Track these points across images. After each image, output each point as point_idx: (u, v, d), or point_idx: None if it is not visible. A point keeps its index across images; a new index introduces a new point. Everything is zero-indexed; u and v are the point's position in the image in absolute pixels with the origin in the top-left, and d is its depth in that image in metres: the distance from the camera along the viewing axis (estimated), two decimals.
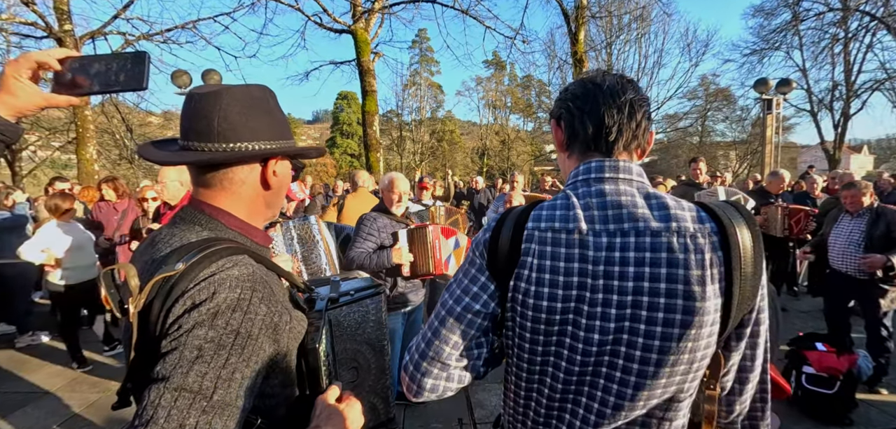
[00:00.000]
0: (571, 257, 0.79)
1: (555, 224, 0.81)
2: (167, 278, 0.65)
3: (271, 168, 0.82)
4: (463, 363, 0.88)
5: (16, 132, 0.73)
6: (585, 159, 0.86)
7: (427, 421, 3.17)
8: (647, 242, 0.76)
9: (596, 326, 0.78)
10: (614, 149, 0.84)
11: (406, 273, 2.83)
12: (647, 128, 0.86)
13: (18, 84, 0.71)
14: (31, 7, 8.70)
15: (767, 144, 10.27)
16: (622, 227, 0.77)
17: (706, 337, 0.75)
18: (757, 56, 19.85)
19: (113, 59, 0.75)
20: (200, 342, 0.62)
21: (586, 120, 0.85)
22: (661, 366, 0.76)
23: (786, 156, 20.57)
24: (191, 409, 0.59)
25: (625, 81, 0.84)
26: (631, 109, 0.82)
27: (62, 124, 14.93)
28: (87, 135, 8.89)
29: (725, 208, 0.78)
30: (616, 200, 0.80)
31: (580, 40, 10.70)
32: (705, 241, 0.75)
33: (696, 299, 0.73)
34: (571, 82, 0.90)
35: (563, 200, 0.84)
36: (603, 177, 0.82)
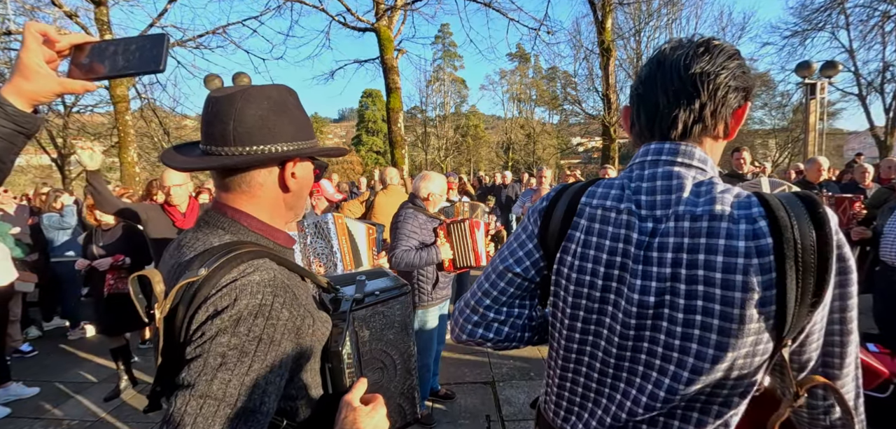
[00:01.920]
0: (617, 237, 0.78)
1: (606, 202, 0.81)
2: (190, 284, 0.66)
3: (290, 170, 0.81)
4: (501, 319, 0.93)
5: (34, 123, 0.71)
6: (644, 144, 0.82)
7: (455, 418, 3.17)
8: (685, 227, 0.72)
9: (632, 310, 0.76)
10: (671, 135, 0.78)
11: (447, 268, 2.89)
12: (725, 103, 0.74)
13: (34, 69, 0.68)
14: (74, 20, 9.18)
15: (811, 132, 9.68)
16: (667, 212, 0.75)
17: (753, 332, 0.68)
18: (798, 38, 18.69)
19: (130, 42, 0.72)
20: (224, 350, 0.63)
21: (642, 107, 0.81)
22: (701, 358, 0.70)
23: (831, 143, 19.36)
24: (216, 416, 0.60)
25: (699, 52, 0.74)
26: (694, 87, 0.73)
27: (106, 129, 15.74)
28: (128, 139, 9.34)
29: (782, 197, 0.70)
30: (666, 183, 0.76)
31: (607, 28, 10.39)
32: (751, 229, 0.67)
33: (737, 290, 0.67)
34: (646, 61, 0.83)
35: (619, 180, 0.83)
36: (659, 160, 0.78)
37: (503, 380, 3.69)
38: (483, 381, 3.69)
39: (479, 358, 4.10)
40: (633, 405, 0.78)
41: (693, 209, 0.72)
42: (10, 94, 0.67)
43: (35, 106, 0.70)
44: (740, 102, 0.76)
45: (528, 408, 3.28)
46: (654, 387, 0.75)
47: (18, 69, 0.67)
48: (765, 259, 0.66)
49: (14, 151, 0.70)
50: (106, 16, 9.00)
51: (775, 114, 23.92)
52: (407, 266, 2.74)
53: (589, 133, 29.10)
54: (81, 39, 0.72)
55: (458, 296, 4.83)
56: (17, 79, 0.67)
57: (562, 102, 28.46)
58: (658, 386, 0.75)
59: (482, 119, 35.98)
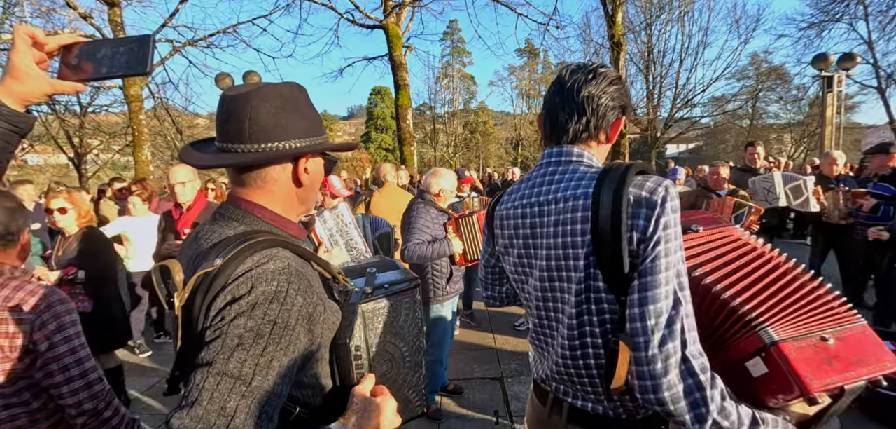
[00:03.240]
0: (517, 226, 1.06)
1: (508, 206, 1.09)
2: (207, 274, 0.68)
3: (302, 166, 0.83)
4: (490, 289, 1.35)
5: (27, 122, 0.73)
6: (547, 147, 1.06)
7: (464, 412, 3.19)
8: (558, 208, 0.94)
9: (542, 275, 0.99)
10: (563, 141, 1.01)
11: (458, 261, 2.92)
12: (605, 118, 0.98)
13: (24, 71, 0.69)
14: (89, 21, 9.36)
15: (827, 126, 9.47)
16: (548, 197, 0.98)
17: (597, 289, 0.89)
18: (815, 29, 18.28)
19: (119, 44, 0.74)
20: (241, 331, 0.65)
21: (547, 118, 1.05)
22: (573, 311, 0.93)
23: (849, 137, 18.91)
24: (231, 392, 0.63)
25: (588, 78, 0.97)
26: (582, 107, 0.97)
27: (120, 129, 16.05)
28: (142, 138, 9.49)
29: (611, 171, 0.89)
30: (551, 178, 1.00)
31: (618, 22, 10.26)
32: (583, 203, 0.89)
33: (576, 258, 0.90)
34: (553, 81, 1.05)
35: (519, 185, 1.09)
36: (550, 161, 1.03)
37: (512, 376, 3.70)
38: (492, 377, 3.70)
39: (487, 354, 4.11)
40: (556, 353, 1.00)
41: (565, 194, 0.94)
42: (3, 95, 0.70)
43: (27, 106, 0.72)
44: (617, 116, 1.01)
45: None
46: (560, 337, 0.98)
47: (9, 71, 0.69)
48: (586, 226, 0.88)
49: (9, 149, 0.72)
50: (119, 17, 9.15)
51: (791, 108, 23.46)
52: (419, 259, 2.78)
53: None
54: (70, 40, 0.74)
55: (466, 291, 4.86)
56: (9, 80, 0.70)
57: None
58: (561, 335, 0.98)
59: (491, 115, 35.86)
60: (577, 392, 1.01)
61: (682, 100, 20.86)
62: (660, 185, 0.84)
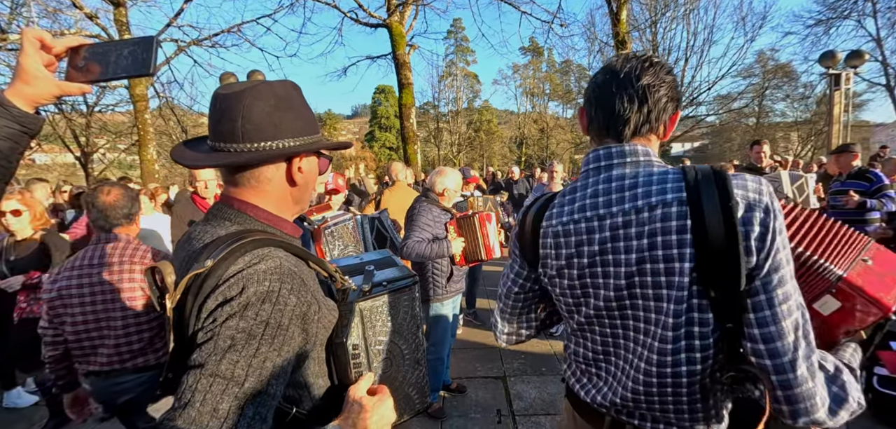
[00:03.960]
0: (581, 243, 0.91)
1: (563, 219, 0.94)
2: (198, 275, 0.68)
3: (296, 165, 0.82)
4: (515, 321, 1.15)
5: (37, 123, 0.74)
6: (602, 144, 0.94)
7: (466, 411, 3.18)
8: (645, 217, 0.82)
9: (611, 295, 0.88)
10: (623, 135, 0.91)
11: (459, 261, 2.91)
12: (665, 111, 0.89)
13: (32, 73, 0.71)
14: (95, 21, 9.43)
15: (835, 124, 9.38)
16: (624, 207, 0.85)
17: (692, 308, 0.79)
18: (822, 26, 18.12)
19: (123, 46, 0.75)
20: (233, 332, 0.65)
21: (599, 109, 0.93)
22: (666, 329, 0.81)
23: (856, 136, 18.64)
24: (224, 394, 0.62)
25: (644, 66, 0.87)
26: (643, 95, 0.87)
27: (126, 128, 16.16)
28: (148, 137, 9.56)
29: (699, 174, 0.80)
30: (620, 183, 0.88)
31: (622, 20, 10.21)
32: (679, 210, 0.79)
33: (684, 266, 0.78)
34: (599, 69, 0.95)
35: (571, 193, 0.96)
36: (611, 163, 0.91)
37: (514, 375, 3.69)
38: (494, 375, 3.69)
39: (490, 353, 4.10)
40: (625, 378, 0.91)
41: (649, 201, 0.83)
42: (13, 96, 0.71)
43: (36, 107, 0.74)
44: (674, 109, 0.92)
45: (539, 402, 3.28)
46: (636, 358, 0.88)
47: (18, 74, 0.71)
48: (685, 236, 0.78)
49: (19, 150, 0.73)
50: (125, 17, 9.21)
51: (798, 106, 23.23)
52: (418, 257, 2.77)
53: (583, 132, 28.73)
54: (77, 42, 0.75)
55: (469, 290, 4.85)
56: (18, 83, 0.71)
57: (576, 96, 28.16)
58: (639, 358, 0.87)
59: (495, 114, 35.77)
60: (656, 419, 0.91)
61: (687, 98, 20.70)
62: (761, 184, 0.77)
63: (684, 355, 0.81)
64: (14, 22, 10.39)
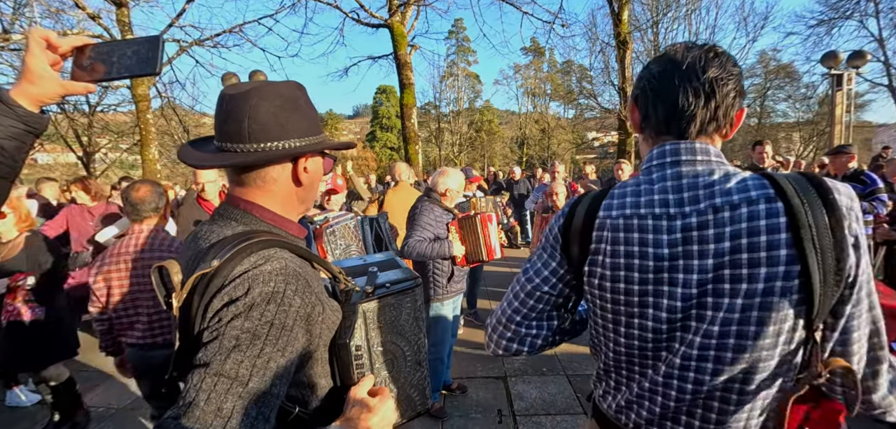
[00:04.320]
0: (645, 242, 0.80)
1: (626, 211, 0.83)
2: (204, 275, 0.68)
3: (302, 165, 0.83)
4: (533, 333, 0.99)
5: (42, 122, 0.74)
6: (659, 142, 0.86)
7: (467, 411, 3.19)
8: (726, 217, 0.75)
9: (676, 305, 0.79)
10: (688, 132, 0.82)
11: (460, 262, 2.91)
12: (733, 106, 0.81)
13: (38, 73, 0.71)
14: (97, 21, 9.44)
15: (837, 124, 9.36)
16: (699, 206, 0.77)
17: (787, 312, 0.73)
18: (825, 27, 18.05)
19: (129, 45, 0.75)
20: (237, 333, 0.65)
21: (659, 104, 0.84)
22: (744, 338, 0.75)
23: (859, 136, 18.62)
24: (228, 393, 0.63)
25: (710, 57, 0.79)
26: (711, 89, 0.79)
27: (128, 128, 16.20)
28: (150, 137, 9.57)
29: (794, 180, 0.75)
30: (692, 181, 0.80)
31: (624, 20, 10.21)
32: (774, 207, 0.73)
33: (779, 265, 0.72)
34: (653, 59, 0.87)
35: (634, 186, 0.85)
36: (679, 160, 0.82)
37: (515, 375, 3.69)
38: (495, 376, 3.70)
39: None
40: (680, 393, 0.83)
41: (730, 199, 0.75)
42: (18, 96, 0.71)
43: (41, 107, 0.74)
44: (740, 105, 0.83)
45: (539, 403, 3.28)
46: (698, 372, 0.80)
47: (24, 73, 0.71)
48: (790, 237, 0.71)
49: (24, 149, 0.74)
50: (127, 17, 9.22)
51: (800, 106, 23.19)
52: (418, 256, 2.77)
53: (605, 127, 28.69)
54: (82, 42, 0.75)
55: (470, 290, 4.84)
56: (24, 82, 0.71)
57: (577, 96, 28.14)
58: (701, 370, 0.80)
59: (496, 114, 35.73)
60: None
61: None
62: (847, 188, 0.75)
63: (762, 365, 0.76)
64: (17, 22, 10.42)
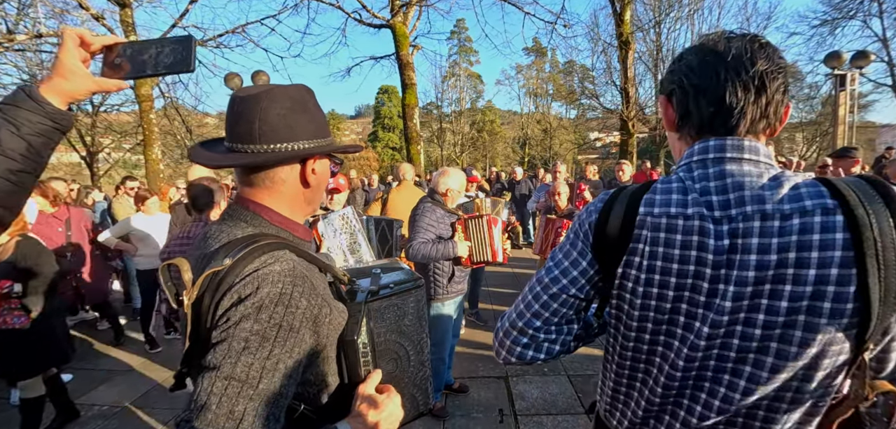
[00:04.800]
0: (688, 245, 0.73)
1: (670, 210, 0.76)
2: (215, 273, 0.70)
3: (310, 167, 0.84)
4: (552, 338, 0.90)
5: (69, 120, 0.75)
6: (701, 139, 0.78)
7: (468, 411, 3.20)
8: (775, 227, 0.68)
9: (723, 320, 0.72)
10: (736, 131, 0.75)
11: (464, 262, 2.92)
12: (783, 103, 0.74)
13: (71, 69, 0.72)
14: (101, 22, 9.49)
15: (840, 125, 9.33)
16: (744, 210, 0.70)
17: (835, 331, 0.67)
18: (828, 27, 18.00)
19: (161, 44, 0.78)
20: (246, 335, 0.67)
21: (702, 99, 0.76)
22: (782, 358, 0.69)
23: (862, 136, 18.51)
24: (239, 396, 0.64)
25: (755, 47, 0.72)
26: (761, 83, 0.71)
27: (131, 128, 16.28)
28: (153, 137, 9.61)
29: (857, 186, 0.68)
30: (739, 181, 0.72)
31: (626, 20, 10.21)
32: (831, 221, 0.66)
33: (830, 285, 0.65)
34: (687, 50, 0.79)
35: (679, 183, 0.78)
36: (724, 157, 0.74)
37: (517, 375, 3.70)
38: (496, 375, 3.71)
39: (492, 353, 4.12)
40: (705, 410, 0.76)
41: (781, 207, 0.68)
42: (48, 92, 0.72)
43: (70, 104, 0.75)
44: (788, 101, 0.76)
45: (541, 402, 3.29)
46: (728, 389, 0.74)
47: (57, 69, 0.72)
48: (847, 254, 0.64)
49: (50, 146, 0.75)
50: (130, 17, 9.27)
51: (803, 106, 23.07)
52: (423, 258, 2.79)
53: (607, 128, 28.66)
54: (112, 41, 0.77)
55: (472, 291, 4.86)
56: (56, 78, 0.72)
57: (579, 97, 28.05)
58: (733, 387, 0.73)
59: (498, 114, 35.74)
60: None
61: None
62: None
63: (798, 384, 0.71)
64: (21, 23, 10.48)
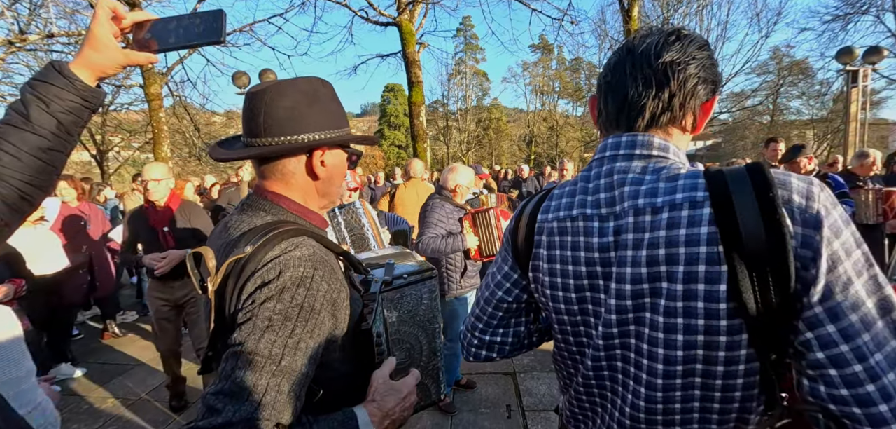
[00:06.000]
0: (577, 246, 0.76)
1: (560, 214, 0.80)
2: (238, 260, 0.72)
3: (318, 158, 0.86)
4: (498, 339, 0.97)
5: (98, 97, 0.75)
6: (609, 135, 0.78)
7: (476, 407, 3.21)
8: (647, 222, 0.67)
9: (611, 318, 0.73)
10: (636, 126, 0.74)
11: (474, 256, 2.96)
12: (694, 95, 0.71)
13: (104, 41, 0.71)
14: None
15: (852, 122, 9.21)
16: (624, 206, 0.71)
17: (722, 336, 0.63)
18: (840, 22, 17.70)
19: (190, 18, 0.78)
20: (270, 314, 0.69)
21: (610, 96, 0.77)
22: (670, 362, 0.67)
23: (874, 134, 18.25)
24: (263, 371, 0.67)
25: (670, 40, 0.70)
26: (664, 76, 0.69)
27: (140, 127, 16.46)
28: (162, 135, 9.71)
29: (733, 176, 0.64)
30: (622, 177, 0.72)
31: (634, 17, 10.11)
32: (698, 214, 0.63)
33: (699, 283, 0.62)
34: (616, 49, 0.79)
35: (571, 185, 0.81)
36: (617, 154, 0.74)
37: (524, 371, 3.71)
38: (504, 371, 3.72)
39: None
40: (632, 410, 0.75)
41: (653, 201, 0.68)
42: (78, 67, 0.72)
43: (99, 80, 0.75)
44: (709, 95, 0.73)
45: (548, 398, 3.29)
46: (634, 396, 0.73)
47: (89, 41, 0.72)
48: (712, 249, 0.62)
49: (80, 124, 0.75)
50: None
51: (814, 104, 22.80)
52: (433, 252, 2.82)
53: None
54: (143, 17, 0.78)
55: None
56: (87, 50, 0.72)
57: (586, 94, 27.93)
58: (636, 395, 0.73)
59: (504, 112, 35.65)
60: None
61: None
62: (803, 184, 0.62)
63: (702, 393, 0.68)
64: (33, 22, 10.62)
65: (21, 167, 0.69)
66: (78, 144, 2.41)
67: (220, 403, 0.64)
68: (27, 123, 0.69)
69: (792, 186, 0.62)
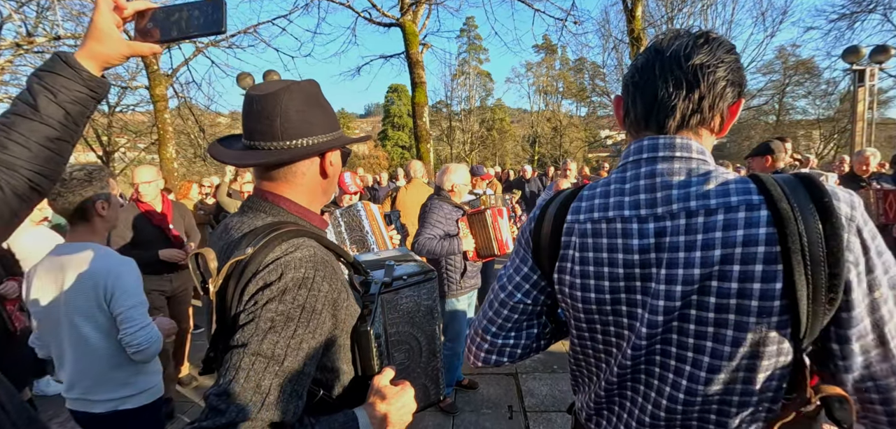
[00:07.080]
0: (614, 248, 0.76)
1: (594, 215, 0.79)
2: (239, 261, 0.73)
3: (329, 159, 0.88)
4: (510, 343, 0.94)
5: (104, 87, 0.76)
6: (638, 138, 0.79)
7: (478, 407, 3.21)
8: (700, 223, 0.69)
9: (645, 318, 0.74)
10: (667, 127, 0.75)
11: (472, 257, 2.96)
12: (722, 98, 0.73)
13: (106, 32, 0.72)
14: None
15: (859, 122, 9.13)
16: (671, 209, 0.72)
17: (767, 330, 0.66)
18: (846, 21, 17.50)
19: (191, 8, 0.78)
20: (272, 315, 0.70)
21: (639, 97, 0.78)
22: (717, 357, 0.70)
23: (882, 134, 18.06)
24: (265, 371, 0.68)
25: (698, 43, 0.72)
26: (694, 78, 0.71)
27: (146, 128, 16.58)
28: (167, 136, 9.78)
29: (785, 182, 0.68)
30: (667, 180, 0.73)
31: (637, 16, 10.07)
32: (755, 216, 0.66)
33: (755, 282, 0.65)
34: (642, 50, 0.80)
35: (603, 186, 0.81)
36: (656, 156, 0.75)
37: (526, 372, 3.70)
38: (506, 372, 3.72)
39: None
40: (655, 409, 0.77)
41: (706, 203, 0.69)
42: (83, 58, 0.73)
43: (104, 69, 0.76)
44: (735, 98, 0.75)
45: (550, 399, 3.29)
46: (672, 388, 0.75)
47: (91, 32, 0.73)
48: (771, 249, 0.65)
49: (86, 115, 0.76)
50: None
51: (820, 103, 22.61)
52: (429, 253, 2.82)
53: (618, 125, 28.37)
54: (144, 6, 0.78)
55: (484, 286, 4.85)
56: (91, 42, 0.73)
57: (589, 94, 27.88)
58: (676, 387, 0.74)
59: (508, 112, 35.61)
60: None
61: None
62: (848, 194, 0.67)
63: (740, 387, 0.70)
64: (40, 25, 10.72)
65: (31, 157, 0.69)
66: (84, 145, 2.38)
67: (223, 403, 0.65)
68: (35, 114, 0.70)
69: (839, 197, 0.66)
